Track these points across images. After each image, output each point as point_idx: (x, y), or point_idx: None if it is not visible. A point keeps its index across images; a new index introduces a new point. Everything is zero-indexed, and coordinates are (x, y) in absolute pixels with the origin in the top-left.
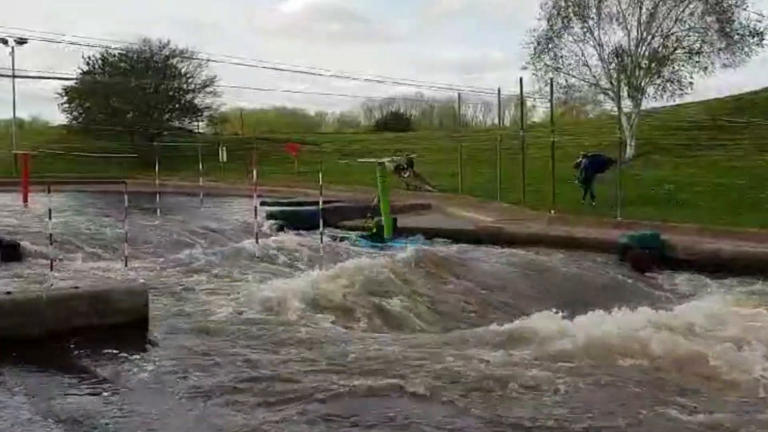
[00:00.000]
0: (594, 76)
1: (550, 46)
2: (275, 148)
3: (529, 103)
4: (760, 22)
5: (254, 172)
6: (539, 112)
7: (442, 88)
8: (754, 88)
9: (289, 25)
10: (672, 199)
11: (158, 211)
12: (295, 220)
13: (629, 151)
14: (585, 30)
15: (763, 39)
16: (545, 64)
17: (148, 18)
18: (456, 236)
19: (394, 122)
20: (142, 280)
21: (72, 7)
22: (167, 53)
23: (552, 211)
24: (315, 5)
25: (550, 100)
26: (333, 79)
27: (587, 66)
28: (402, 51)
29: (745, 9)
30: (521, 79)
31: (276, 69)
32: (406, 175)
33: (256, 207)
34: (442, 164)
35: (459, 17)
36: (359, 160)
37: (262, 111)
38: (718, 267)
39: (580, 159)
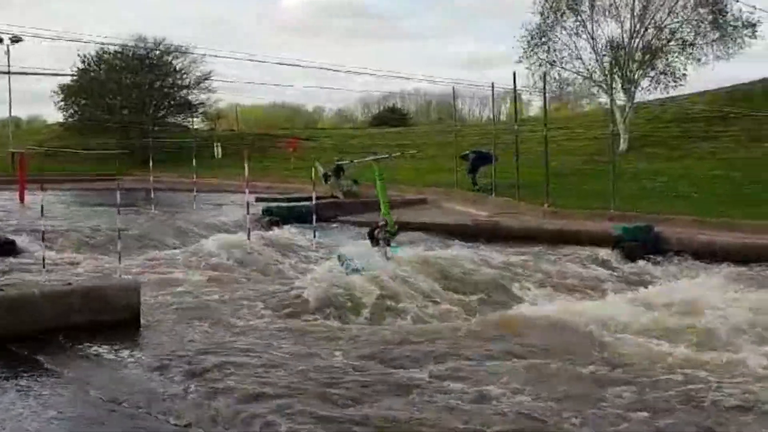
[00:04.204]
0: (588, 70)
1: (543, 39)
2: (272, 144)
3: (525, 97)
4: (752, 13)
5: (246, 168)
6: (535, 106)
7: (439, 83)
8: (749, 80)
9: (297, 21)
10: (666, 192)
11: (153, 207)
12: (290, 216)
13: (623, 144)
14: (578, 23)
15: (755, 31)
16: (539, 57)
17: (153, 16)
18: (453, 231)
19: (391, 117)
20: (134, 277)
21: (77, 7)
22: (162, 50)
23: (546, 205)
24: (323, 1)
25: (544, 94)
26: (334, 75)
27: (581, 59)
28: (409, 47)
29: (737, 1)
30: (514, 73)
31: (276, 64)
32: (329, 183)
33: (248, 202)
34: (439, 159)
35: (468, 14)
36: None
37: (259, 107)
38: (711, 258)
39: (468, 153)
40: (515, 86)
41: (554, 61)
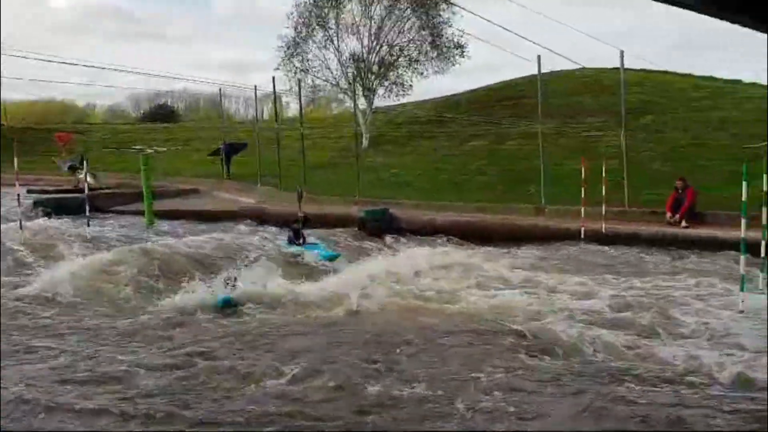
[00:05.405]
0: (335, 78)
1: (297, 50)
2: (44, 138)
3: (284, 99)
4: (461, 37)
5: (15, 161)
6: (293, 108)
7: (207, 83)
8: (460, 91)
9: (66, 22)
10: (398, 181)
11: None
12: (61, 207)
13: (365, 142)
14: (326, 38)
15: (464, 51)
16: (294, 66)
17: None
18: (221, 217)
19: (161, 114)
20: None
21: None
22: None
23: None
24: (88, 4)
25: (299, 98)
26: (104, 73)
27: (329, 69)
28: (177, 51)
29: (450, 26)
30: (273, 78)
31: (45, 61)
32: (80, 175)
33: (19, 195)
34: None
35: (229, 22)
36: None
37: (28, 103)
38: (432, 233)
39: (221, 145)
40: (275, 90)
41: (307, 70)
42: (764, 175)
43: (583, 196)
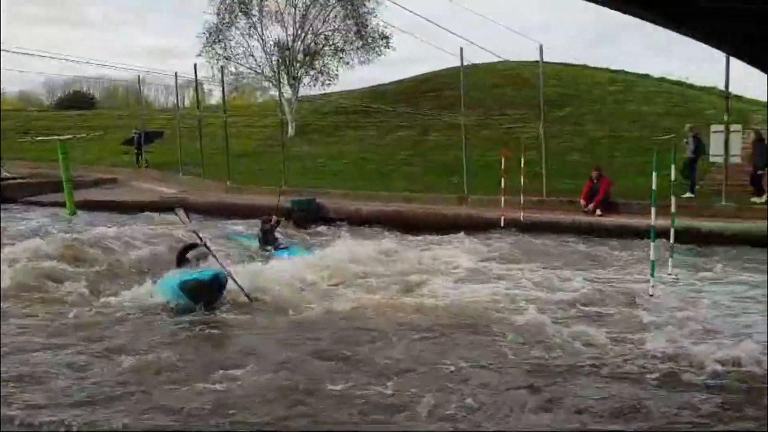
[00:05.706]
0: (259, 66)
1: (220, 37)
2: None
3: (206, 87)
4: (386, 28)
5: None
6: (216, 96)
7: (125, 70)
8: (386, 81)
9: None
10: (324, 170)
11: None
12: None
13: (291, 131)
14: (249, 25)
15: (389, 42)
16: (217, 53)
17: None
18: (141, 208)
19: (76, 101)
20: None
21: None
22: None
23: (228, 182)
24: None
25: (222, 86)
26: (16, 57)
27: (253, 57)
28: (94, 35)
29: (375, 17)
30: (195, 65)
31: None
32: None
33: None
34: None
35: (150, 7)
36: None
37: None
38: (359, 222)
39: (135, 134)
40: (196, 77)
41: (230, 57)
42: (672, 166)
43: (502, 186)
